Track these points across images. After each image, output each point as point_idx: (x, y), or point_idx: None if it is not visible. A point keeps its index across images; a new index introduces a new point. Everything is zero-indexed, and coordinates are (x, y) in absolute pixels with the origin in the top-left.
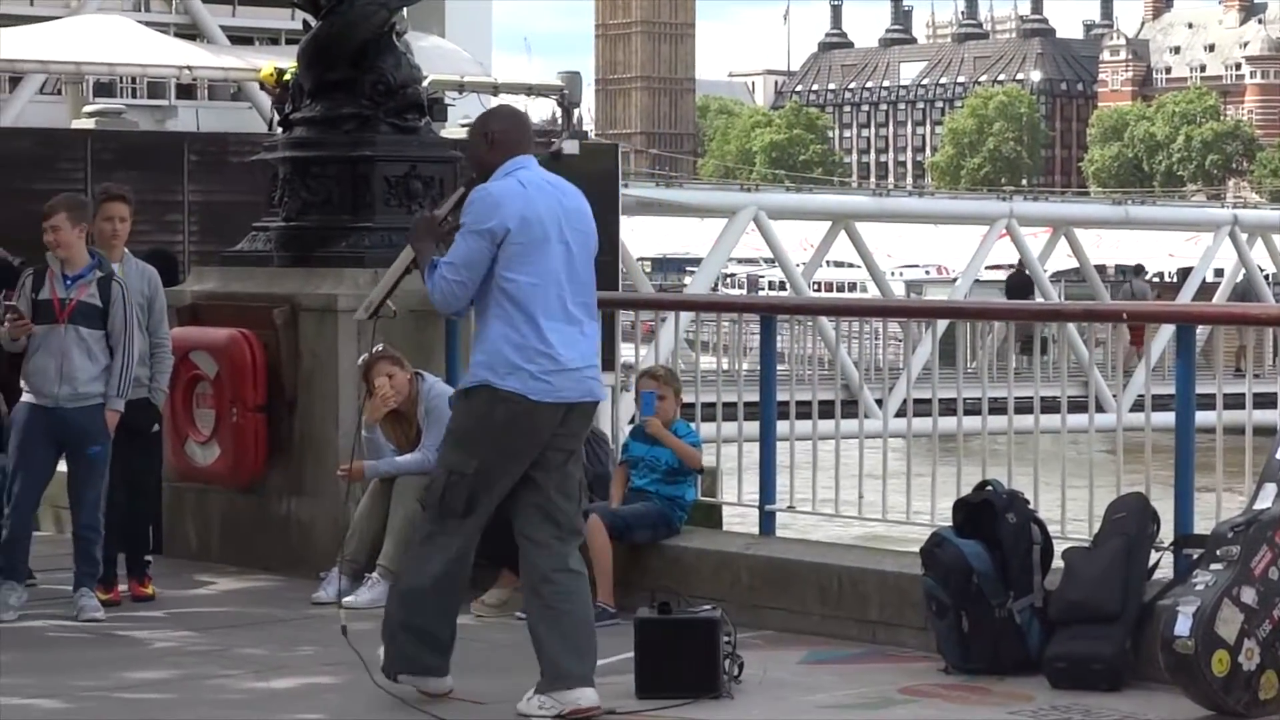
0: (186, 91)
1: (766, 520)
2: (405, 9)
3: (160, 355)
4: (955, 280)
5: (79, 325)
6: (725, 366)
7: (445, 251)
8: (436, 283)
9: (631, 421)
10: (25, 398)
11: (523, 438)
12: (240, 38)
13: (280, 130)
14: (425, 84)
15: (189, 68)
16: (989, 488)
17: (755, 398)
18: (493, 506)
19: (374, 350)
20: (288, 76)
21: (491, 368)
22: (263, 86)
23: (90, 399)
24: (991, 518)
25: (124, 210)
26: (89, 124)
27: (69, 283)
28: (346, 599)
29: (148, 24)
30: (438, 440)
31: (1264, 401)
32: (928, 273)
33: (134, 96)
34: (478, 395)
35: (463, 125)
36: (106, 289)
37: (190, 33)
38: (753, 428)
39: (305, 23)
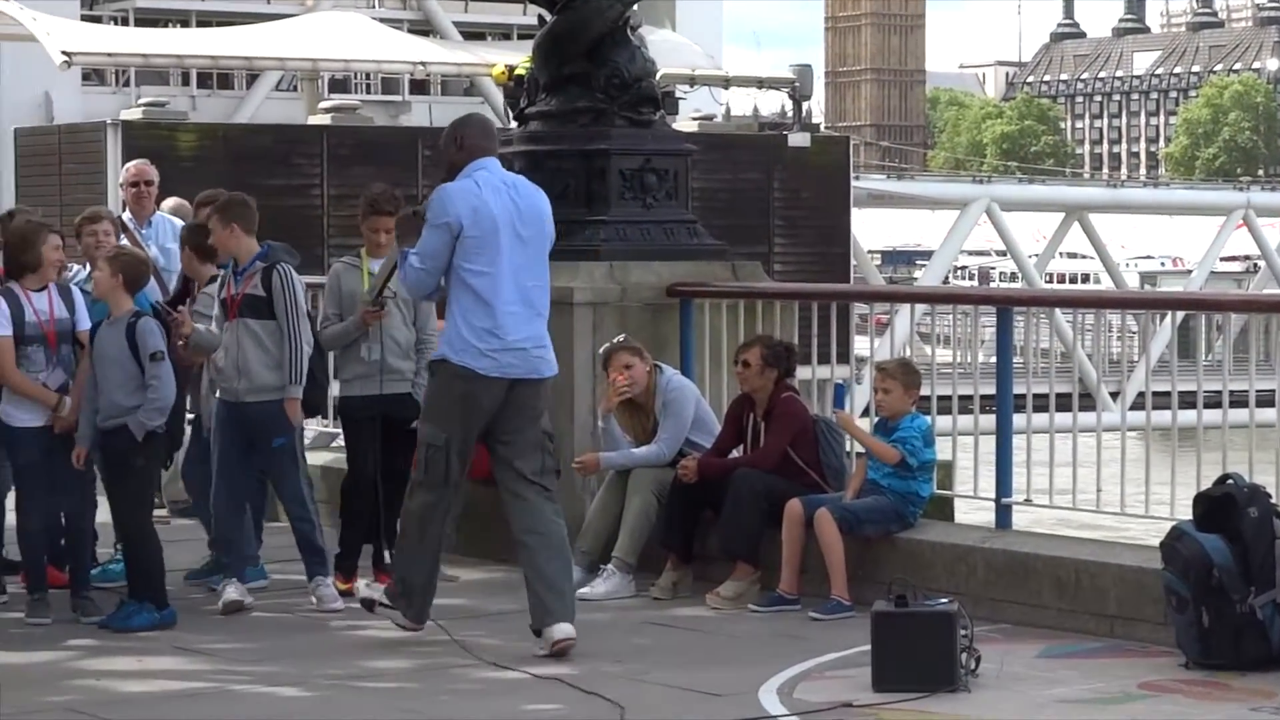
0: (420, 87)
1: (1003, 513)
2: (638, 2)
3: (426, 351)
4: (1190, 272)
5: (247, 318)
6: (959, 359)
7: None
8: (406, 271)
9: (865, 413)
10: (217, 394)
11: (475, 408)
12: (473, 33)
13: (515, 124)
14: (658, 77)
15: (423, 63)
16: (1230, 481)
17: (990, 390)
18: (465, 471)
19: (614, 340)
20: (520, 72)
21: (450, 344)
22: (516, 82)
23: (268, 391)
24: (1233, 511)
25: (389, 223)
26: (325, 120)
27: (238, 278)
28: (582, 590)
29: (382, 20)
30: (674, 433)
31: None
32: (1162, 264)
33: (368, 92)
34: (439, 370)
35: (694, 119)
36: (269, 278)
37: (423, 29)
38: (988, 421)
39: (540, 17)
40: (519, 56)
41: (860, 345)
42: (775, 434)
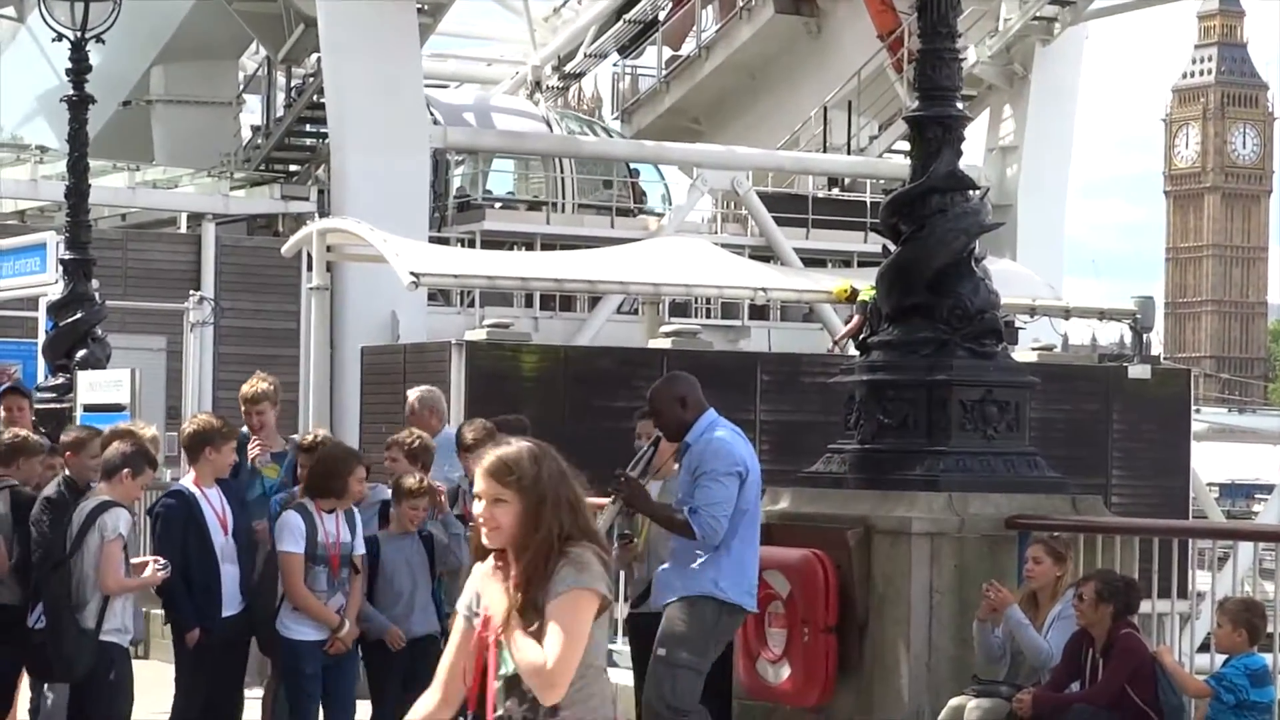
0: (760, 312)
1: None
2: (983, 234)
3: None
4: None
5: None
6: None
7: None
8: (704, 523)
9: (1204, 648)
10: None
11: (727, 640)
12: (814, 259)
13: (856, 353)
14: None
15: (764, 289)
16: None
17: None
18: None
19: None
20: (863, 297)
21: (717, 583)
22: (861, 305)
23: None
24: None
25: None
26: (665, 344)
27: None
28: None
29: (724, 245)
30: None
31: None
32: None
33: (708, 316)
34: (707, 605)
35: (1034, 349)
36: None
37: (765, 254)
38: None
39: (885, 248)
40: (860, 283)
41: (1202, 580)
42: (1112, 671)
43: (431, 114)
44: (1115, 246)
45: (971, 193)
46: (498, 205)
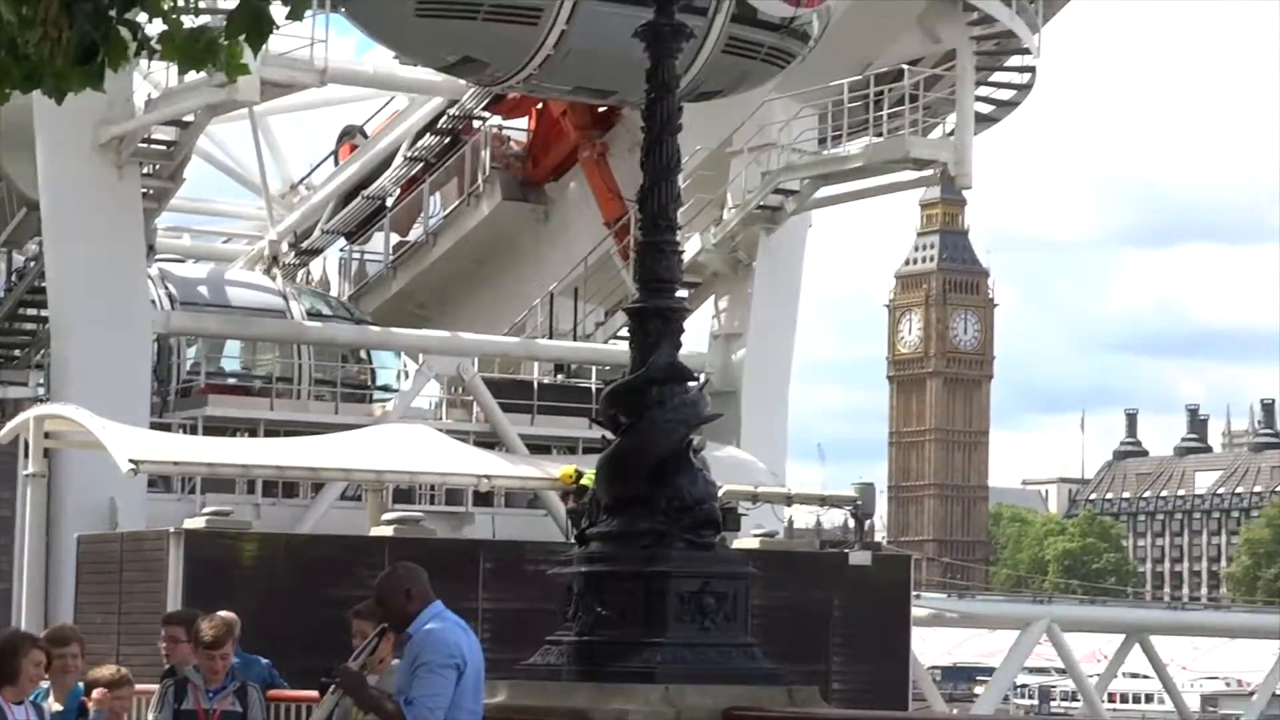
0: (484, 499)
1: None
2: (703, 424)
3: None
4: (1253, 694)
5: None
6: None
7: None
8: (419, 714)
9: None
10: None
11: None
12: (539, 446)
13: (575, 544)
14: (721, 493)
15: (487, 476)
16: None
17: None
18: None
19: None
20: (585, 481)
21: None
22: (577, 492)
23: None
24: None
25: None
26: (388, 531)
27: (211, 694)
28: None
29: (448, 432)
30: None
31: None
32: (1227, 684)
33: (433, 503)
34: None
35: (756, 534)
36: (244, 696)
37: (489, 440)
38: None
39: (604, 438)
40: (586, 468)
41: None
42: None
43: (166, 288)
44: (840, 430)
45: (691, 383)
46: (231, 380)
